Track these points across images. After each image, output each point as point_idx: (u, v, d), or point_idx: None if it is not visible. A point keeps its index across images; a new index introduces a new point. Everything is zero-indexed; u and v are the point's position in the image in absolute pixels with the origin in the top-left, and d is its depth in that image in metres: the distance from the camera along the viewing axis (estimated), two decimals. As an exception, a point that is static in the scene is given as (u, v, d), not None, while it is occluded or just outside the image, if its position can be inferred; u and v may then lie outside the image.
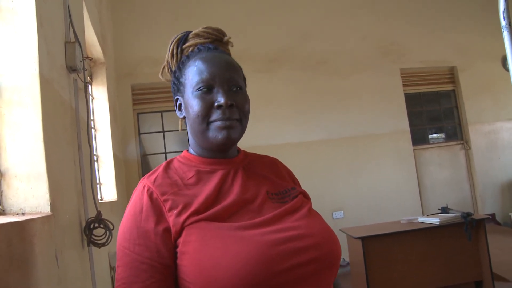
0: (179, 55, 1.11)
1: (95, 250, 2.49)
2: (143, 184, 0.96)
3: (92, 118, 3.95)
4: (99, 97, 4.23)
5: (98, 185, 3.76)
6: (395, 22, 6.51)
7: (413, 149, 6.41)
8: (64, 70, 2.31)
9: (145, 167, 5.60)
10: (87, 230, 2.31)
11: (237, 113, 0.98)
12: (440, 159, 6.67)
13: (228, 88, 0.98)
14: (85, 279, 2.26)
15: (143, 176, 4.49)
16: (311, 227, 0.91)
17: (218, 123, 0.95)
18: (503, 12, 2.12)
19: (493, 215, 6.40)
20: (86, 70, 2.76)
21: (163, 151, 5.72)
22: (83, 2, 3.16)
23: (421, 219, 3.93)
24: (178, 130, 6.15)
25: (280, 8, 6.09)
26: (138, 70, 5.58)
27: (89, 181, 2.55)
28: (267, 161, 1.14)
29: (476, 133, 6.68)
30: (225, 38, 1.12)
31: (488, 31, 6.49)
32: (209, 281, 0.81)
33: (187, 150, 1.09)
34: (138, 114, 5.68)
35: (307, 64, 6.11)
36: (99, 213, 2.41)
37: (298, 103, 5.97)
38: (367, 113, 6.24)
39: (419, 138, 6.67)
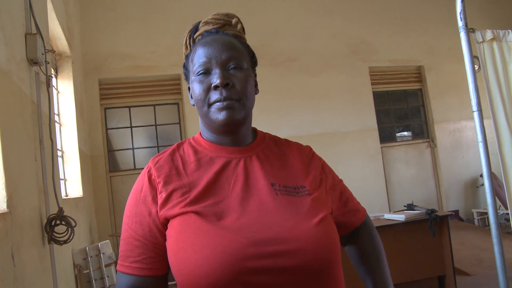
0: (191, 46, 1.09)
1: (57, 248, 2.43)
2: (148, 164, 1.00)
3: (56, 113, 3.85)
4: (65, 91, 4.12)
5: (62, 181, 3.67)
6: (365, 21, 6.60)
7: (381, 147, 6.52)
8: (25, 62, 2.24)
9: (112, 163, 5.50)
10: (48, 227, 2.25)
11: (236, 93, 0.94)
12: (407, 156, 6.80)
13: (225, 68, 0.96)
14: (45, 278, 2.20)
15: (110, 172, 4.38)
16: (297, 229, 0.85)
17: (217, 104, 0.94)
18: (460, 13, 2.16)
19: (456, 211, 6.58)
20: (48, 63, 2.68)
21: (131, 146, 5.63)
22: (47, -7, 3.07)
23: (387, 215, 3.99)
24: (146, 126, 6.03)
25: (251, 5, 6.08)
26: (106, 64, 5.47)
27: (51, 177, 2.49)
28: (284, 148, 1.06)
29: (441, 131, 6.85)
30: (233, 21, 1.09)
31: (454, 32, 6.60)
32: (179, 269, 0.84)
33: (200, 133, 1.07)
34: (105, 109, 5.57)
35: (277, 61, 6.13)
36: (60, 210, 2.34)
37: (268, 100, 5.95)
38: (336, 111, 6.31)
39: (386, 136, 6.79)
